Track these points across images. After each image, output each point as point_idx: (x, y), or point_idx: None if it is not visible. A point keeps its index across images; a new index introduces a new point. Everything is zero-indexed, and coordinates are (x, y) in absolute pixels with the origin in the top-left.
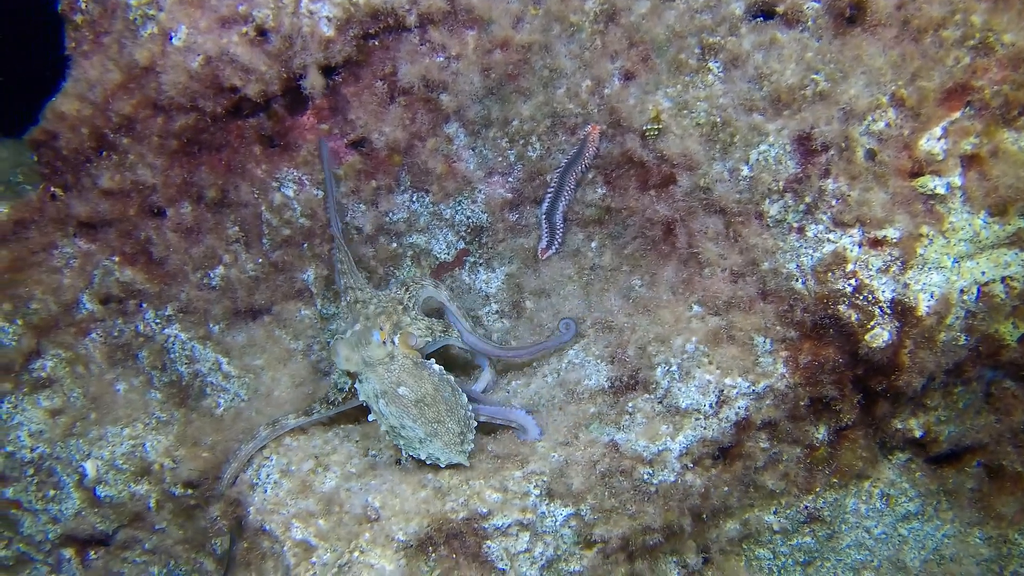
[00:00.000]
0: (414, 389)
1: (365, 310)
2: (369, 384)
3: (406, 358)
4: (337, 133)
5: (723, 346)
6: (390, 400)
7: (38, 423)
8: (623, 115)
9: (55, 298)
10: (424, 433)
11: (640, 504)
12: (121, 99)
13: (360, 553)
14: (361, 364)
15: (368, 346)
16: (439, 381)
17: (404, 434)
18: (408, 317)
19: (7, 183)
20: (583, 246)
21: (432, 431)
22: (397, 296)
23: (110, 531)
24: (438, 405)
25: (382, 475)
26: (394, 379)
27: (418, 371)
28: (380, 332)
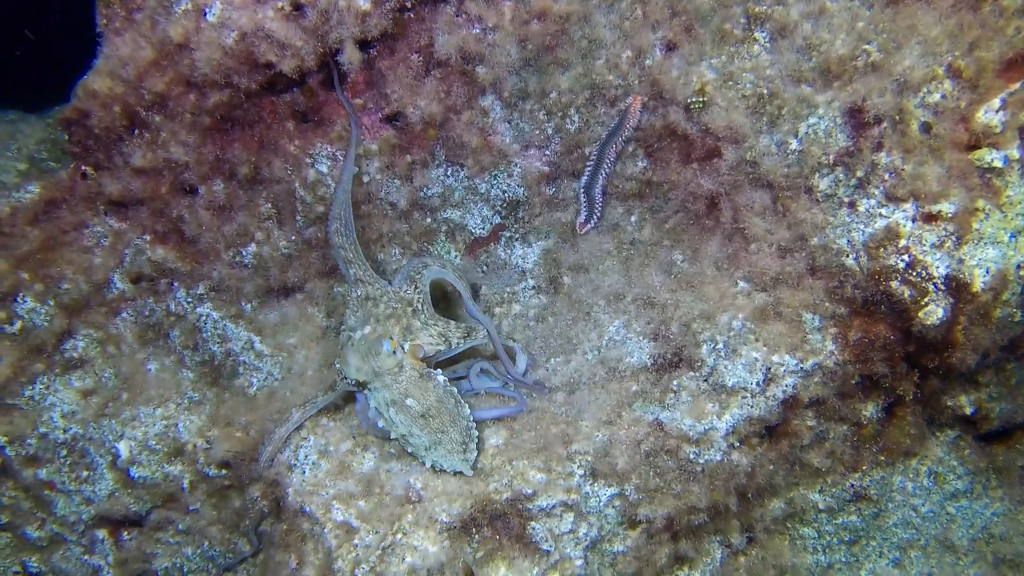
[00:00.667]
0: (420, 401)
1: (375, 310)
2: (379, 394)
3: (413, 369)
4: (372, 108)
5: (770, 323)
6: (399, 409)
7: (71, 404)
8: (666, 87)
9: (86, 278)
10: (428, 442)
11: (686, 484)
12: (154, 76)
13: (403, 535)
14: (371, 374)
15: (378, 356)
16: (443, 394)
17: (412, 441)
18: (419, 321)
19: (31, 160)
20: (622, 220)
21: (436, 440)
22: (407, 296)
23: (144, 512)
24: (442, 416)
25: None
26: (402, 390)
27: (423, 383)
28: (390, 341)
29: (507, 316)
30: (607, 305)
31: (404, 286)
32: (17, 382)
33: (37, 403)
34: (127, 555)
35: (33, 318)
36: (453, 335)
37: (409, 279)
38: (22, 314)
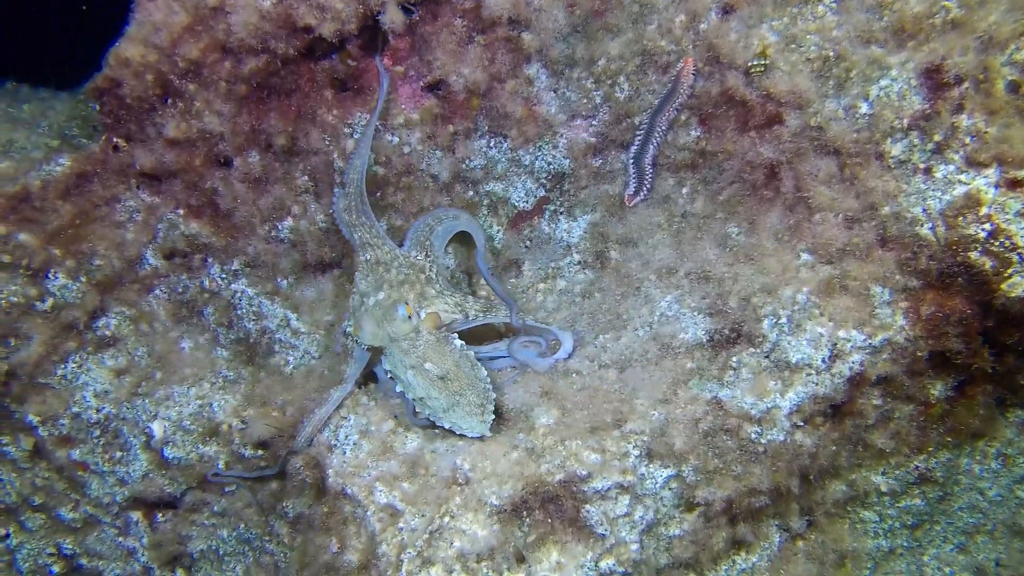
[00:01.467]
0: (438, 365)
1: (387, 275)
2: (396, 358)
3: (430, 334)
4: (413, 75)
5: (836, 297)
6: (418, 372)
7: (103, 383)
8: (723, 51)
9: (119, 254)
10: (447, 404)
11: (746, 465)
12: (188, 43)
13: (451, 518)
14: (387, 339)
15: (394, 322)
16: (460, 357)
17: (430, 404)
18: (433, 289)
19: (63, 137)
20: (673, 192)
21: (454, 402)
22: (418, 263)
23: (178, 493)
24: (460, 380)
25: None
26: (420, 354)
27: (441, 347)
28: (406, 307)
29: (552, 292)
30: (658, 280)
31: (414, 251)
32: (49, 361)
33: (70, 382)
34: (162, 537)
35: (65, 295)
36: (471, 307)
37: (418, 244)
38: (54, 291)
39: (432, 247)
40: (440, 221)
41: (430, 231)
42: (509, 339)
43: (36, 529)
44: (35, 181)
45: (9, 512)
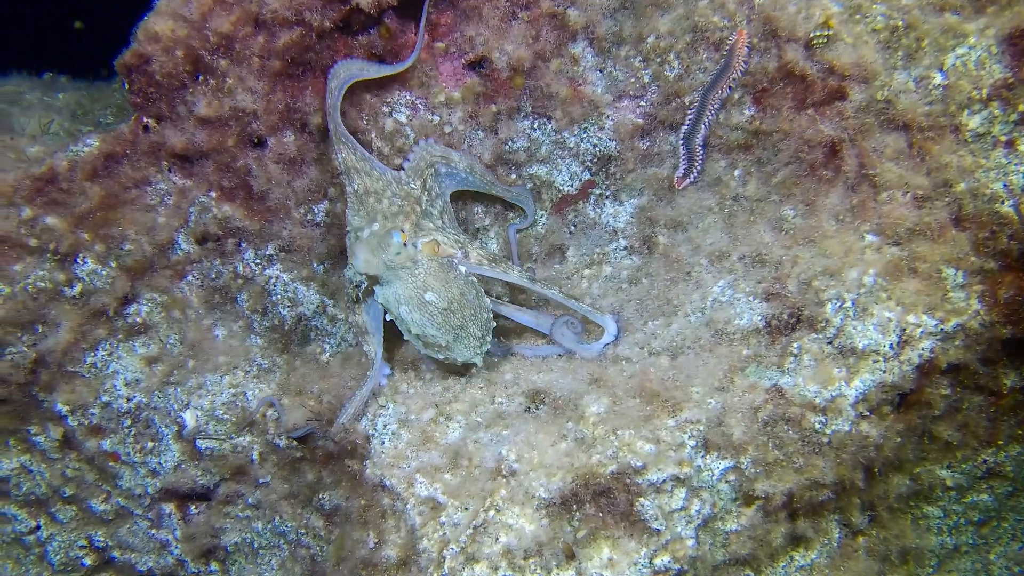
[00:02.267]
0: (441, 295)
1: (379, 205)
2: (391, 289)
3: (431, 261)
4: (455, 52)
5: (904, 280)
6: (414, 307)
7: (134, 371)
8: (781, 23)
9: (149, 238)
10: (446, 340)
11: (809, 456)
12: (219, 16)
13: (496, 512)
14: (383, 268)
15: (388, 248)
16: (464, 285)
17: (428, 341)
18: (431, 223)
19: (97, 124)
20: (725, 174)
21: (455, 336)
22: (412, 193)
23: (211, 485)
24: (463, 311)
25: (513, 425)
26: (419, 284)
27: (444, 274)
28: (401, 233)
29: (597, 278)
30: (710, 264)
31: (411, 179)
32: (79, 348)
33: (100, 370)
34: (195, 530)
35: (94, 281)
36: (474, 250)
37: (417, 173)
38: (83, 276)
39: (432, 183)
40: (438, 173)
41: (433, 172)
42: (552, 320)
43: (67, 521)
44: (62, 162)
45: (39, 503)
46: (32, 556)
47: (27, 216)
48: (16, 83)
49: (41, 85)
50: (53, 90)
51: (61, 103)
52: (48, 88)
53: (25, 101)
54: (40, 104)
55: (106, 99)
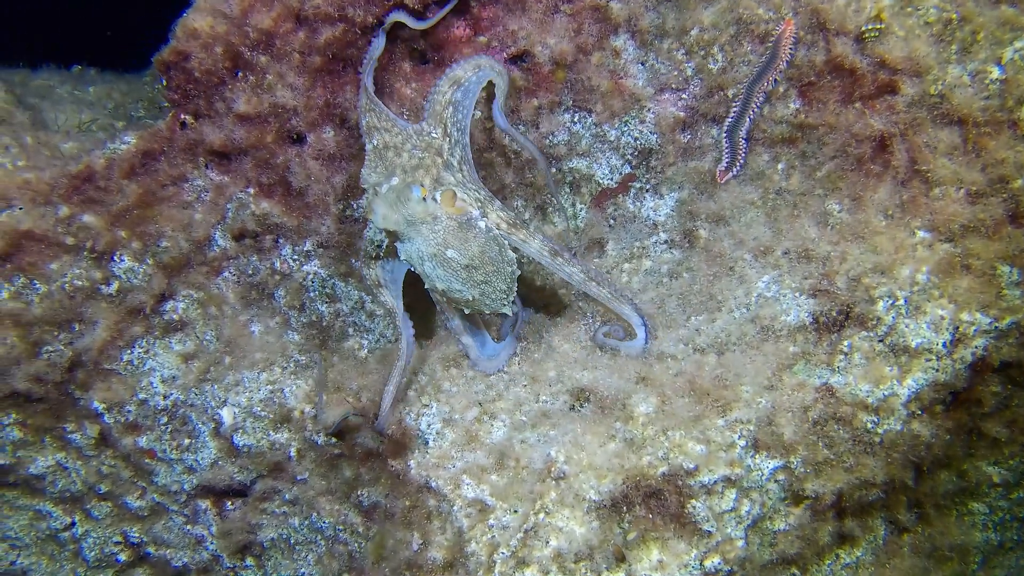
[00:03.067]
0: (462, 252)
1: (398, 159)
2: (413, 245)
3: (450, 219)
4: (497, 46)
5: (957, 276)
6: (439, 263)
7: (171, 368)
8: (830, 16)
9: (186, 235)
10: (472, 295)
11: (859, 456)
12: (259, 11)
13: (546, 515)
14: (403, 223)
15: (408, 203)
16: (485, 242)
17: (453, 296)
18: (452, 177)
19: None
20: (768, 168)
21: (480, 292)
22: (435, 143)
23: (248, 482)
24: (485, 267)
25: (560, 425)
26: (440, 240)
27: (463, 232)
28: (421, 188)
29: (637, 273)
30: (753, 259)
31: (432, 127)
32: (115, 346)
33: (136, 368)
34: (231, 526)
35: (131, 278)
36: (494, 210)
37: (435, 116)
38: (119, 274)
39: (454, 121)
40: (460, 84)
41: (451, 107)
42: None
43: (102, 517)
44: (99, 160)
45: (74, 500)
46: (67, 553)
47: (64, 214)
48: (46, 77)
49: (71, 78)
50: (83, 83)
51: (92, 97)
52: (78, 81)
53: (56, 95)
54: (71, 98)
55: (136, 92)
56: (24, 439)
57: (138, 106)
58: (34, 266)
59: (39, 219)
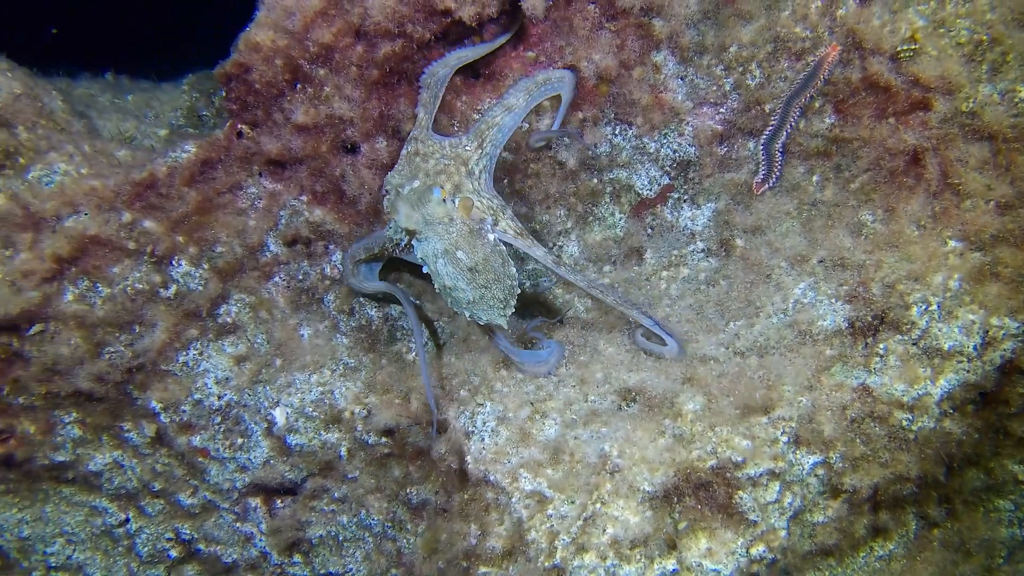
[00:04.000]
0: (469, 256)
1: (425, 164)
2: (429, 244)
3: (463, 223)
4: (544, 61)
5: (987, 284)
6: (449, 260)
7: (224, 370)
8: (866, 36)
9: (241, 241)
10: (472, 296)
11: (895, 452)
12: (321, 27)
13: (602, 504)
14: (422, 222)
15: (428, 203)
16: (490, 252)
17: (455, 295)
18: (472, 183)
19: (170, 126)
20: (803, 180)
21: (480, 295)
22: (464, 154)
23: (299, 480)
24: (487, 274)
25: (610, 422)
26: (452, 240)
27: (473, 239)
28: (441, 189)
29: (675, 280)
30: (789, 267)
31: (469, 142)
32: (172, 348)
33: (191, 369)
34: (280, 523)
35: (188, 282)
36: (505, 220)
37: (478, 134)
38: (177, 278)
39: (492, 138)
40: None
41: (495, 124)
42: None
43: (155, 514)
44: (161, 168)
45: (129, 497)
46: (120, 548)
47: (127, 220)
48: (86, 85)
49: (109, 87)
50: (120, 91)
51: (131, 105)
52: (114, 89)
53: (99, 104)
54: (112, 107)
55: (173, 101)
56: (83, 437)
57: (177, 114)
58: (98, 269)
59: (104, 225)
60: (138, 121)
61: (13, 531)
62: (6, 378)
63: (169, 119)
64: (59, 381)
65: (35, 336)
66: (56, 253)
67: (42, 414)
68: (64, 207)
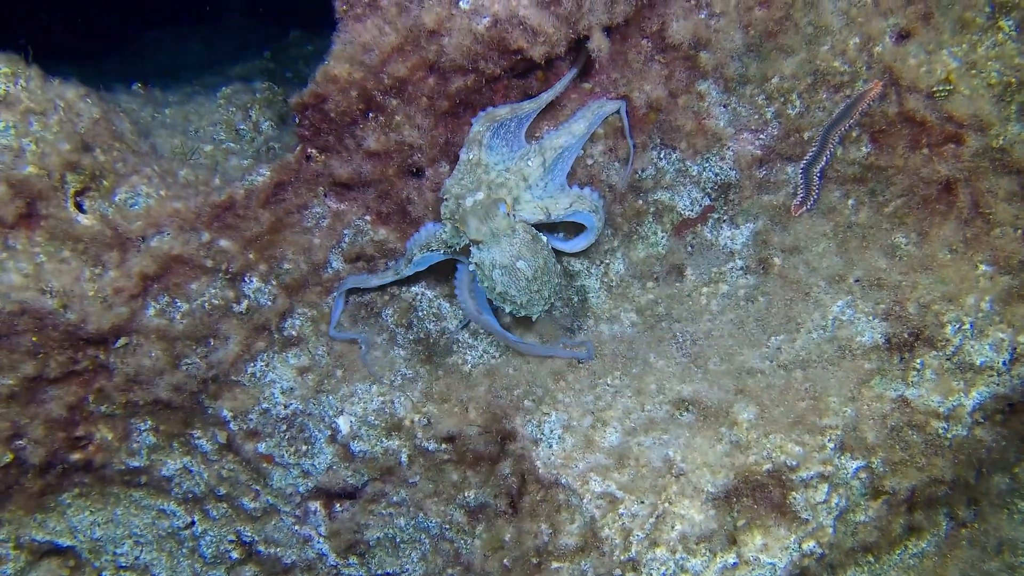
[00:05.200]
0: (531, 264)
1: (486, 175)
2: (489, 254)
3: (526, 232)
4: (599, 91)
5: (1016, 305)
6: (506, 271)
7: (289, 380)
8: (903, 74)
9: (306, 258)
10: (524, 300)
11: (931, 457)
12: (397, 61)
13: (670, 504)
14: (488, 235)
15: (495, 219)
16: (547, 254)
17: (507, 298)
18: (529, 194)
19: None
20: (839, 203)
21: (530, 300)
22: (525, 170)
23: (359, 484)
24: (542, 278)
25: (669, 430)
26: (515, 252)
27: (535, 245)
28: (506, 204)
29: (715, 296)
30: (828, 286)
31: (534, 156)
32: (242, 359)
33: (258, 380)
34: (340, 526)
35: (258, 298)
36: (555, 209)
37: (541, 153)
38: (249, 294)
39: (558, 157)
40: (562, 150)
41: (560, 146)
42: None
43: (219, 517)
44: (240, 191)
45: (196, 501)
46: (185, 549)
47: (205, 239)
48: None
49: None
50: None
51: (170, 119)
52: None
53: (143, 119)
54: (156, 122)
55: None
56: (157, 444)
57: (217, 128)
58: (178, 286)
59: (185, 244)
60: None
61: (86, 532)
62: (91, 388)
63: (211, 134)
64: (139, 391)
65: (120, 349)
66: (142, 271)
67: (120, 422)
68: (149, 228)
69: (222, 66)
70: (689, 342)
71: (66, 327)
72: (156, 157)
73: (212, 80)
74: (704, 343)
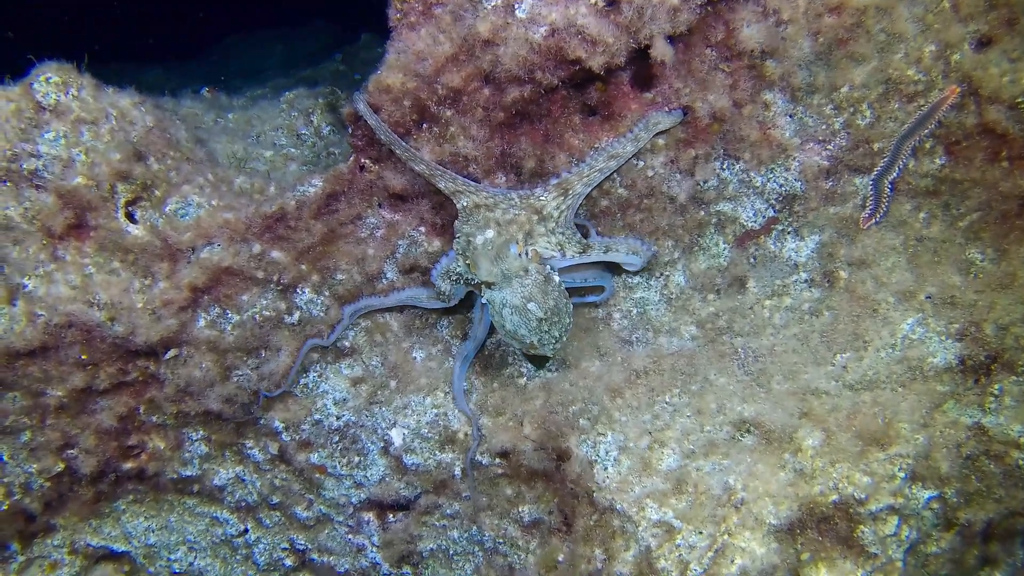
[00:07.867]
0: (541, 306)
1: (492, 214)
2: (500, 293)
3: (538, 272)
4: (660, 102)
5: None
6: (516, 311)
7: (342, 391)
8: (984, 83)
9: (360, 269)
10: (534, 340)
11: (1010, 489)
12: (451, 71)
13: (729, 535)
14: (500, 276)
15: (507, 259)
16: (559, 295)
17: (516, 337)
18: (543, 227)
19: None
20: (910, 217)
21: (540, 339)
22: (536, 204)
23: (412, 496)
24: (552, 319)
25: (730, 454)
26: (527, 294)
27: (547, 286)
28: (517, 245)
29: (779, 310)
30: (897, 302)
31: (545, 193)
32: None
33: (311, 391)
34: (393, 537)
35: (311, 308)
36: (569, 248)
37: (561, 186)
38: (301, 305)
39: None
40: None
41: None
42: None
43: (272, 525)
44: (291, 202)
45: (249, 509)
46: (239, 557)
47: (256, 251)
48: (189, 105)
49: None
50: (220, 109)
51: (232, 124)
52: (214, 107)
53: (205, 124)
54: (218, 128)
55: (272, 120)
56: (209, 453)
57: (279, 134)
58: (229, 298)
59: (236, 255)
60: (244, 142)
61: (141, 538)
62: (142, 398)
63: (272, 139)
64: (190, 402)
65: (170, 360)
66: (192, 283)
67: (172, 432)
68: (199, 239)
69: (297, 70)
70: (751, 358)
71: (114, 339)
72: (212, 165)
73: (283, 83)
74: (767, 359)
